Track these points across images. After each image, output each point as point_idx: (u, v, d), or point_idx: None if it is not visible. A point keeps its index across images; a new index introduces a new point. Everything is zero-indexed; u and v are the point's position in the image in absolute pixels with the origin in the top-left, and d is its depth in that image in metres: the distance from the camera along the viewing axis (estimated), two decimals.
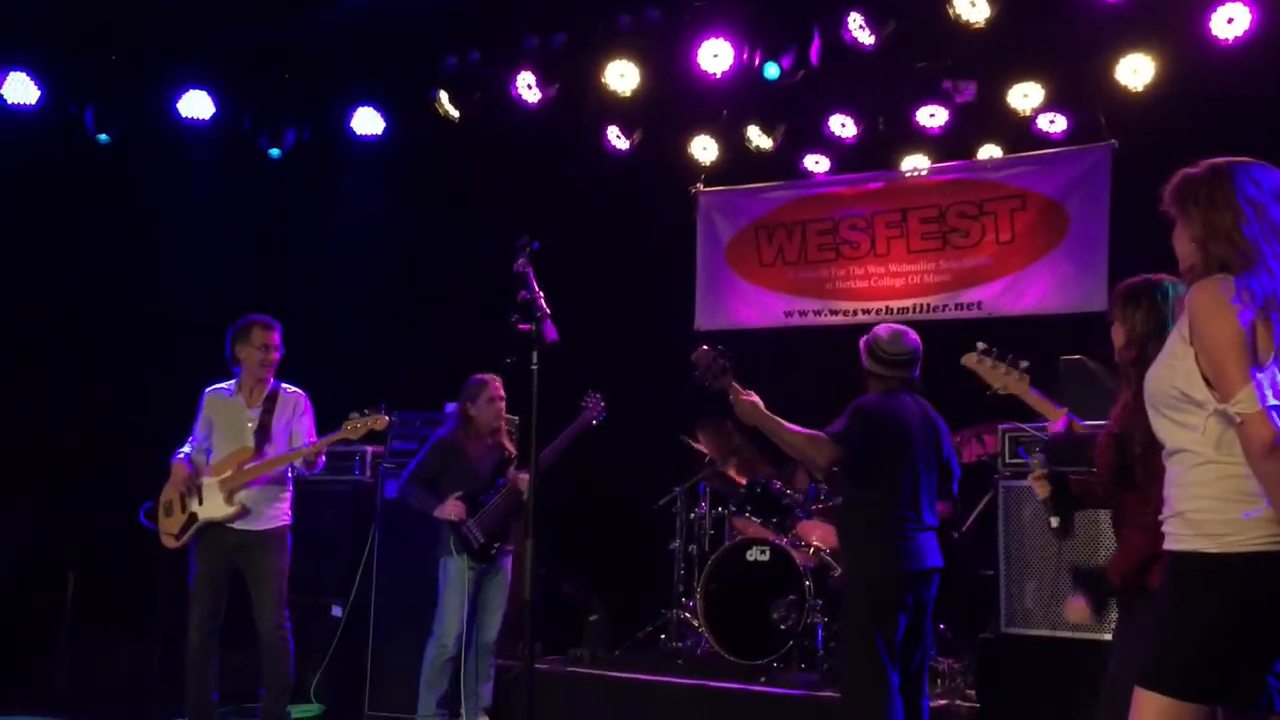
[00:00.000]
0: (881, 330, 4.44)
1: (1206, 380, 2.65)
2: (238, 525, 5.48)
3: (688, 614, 6.73)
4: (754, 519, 6.66)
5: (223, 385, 5.71)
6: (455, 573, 5.72)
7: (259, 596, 5.50)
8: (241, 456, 5.51)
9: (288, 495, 5.66)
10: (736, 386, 4.31)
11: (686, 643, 6.66)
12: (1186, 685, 2.61)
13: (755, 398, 4.32)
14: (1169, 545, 2.78)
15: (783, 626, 6.06)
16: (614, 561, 7.40)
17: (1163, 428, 2.81)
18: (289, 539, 5.62)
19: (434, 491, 5.78)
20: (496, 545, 5.81)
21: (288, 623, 5.55)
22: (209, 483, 5.52)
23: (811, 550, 6.37)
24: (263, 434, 5.56)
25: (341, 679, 6.53)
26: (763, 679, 5.88)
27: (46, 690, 6.87)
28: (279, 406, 5.63)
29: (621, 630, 7.03)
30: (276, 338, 5.62)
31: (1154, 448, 3.38)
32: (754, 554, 6.38)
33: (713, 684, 5.82)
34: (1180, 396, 2.70)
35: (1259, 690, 2.63)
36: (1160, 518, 2.83)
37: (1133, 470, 3.48)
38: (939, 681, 5.64)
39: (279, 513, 5.60)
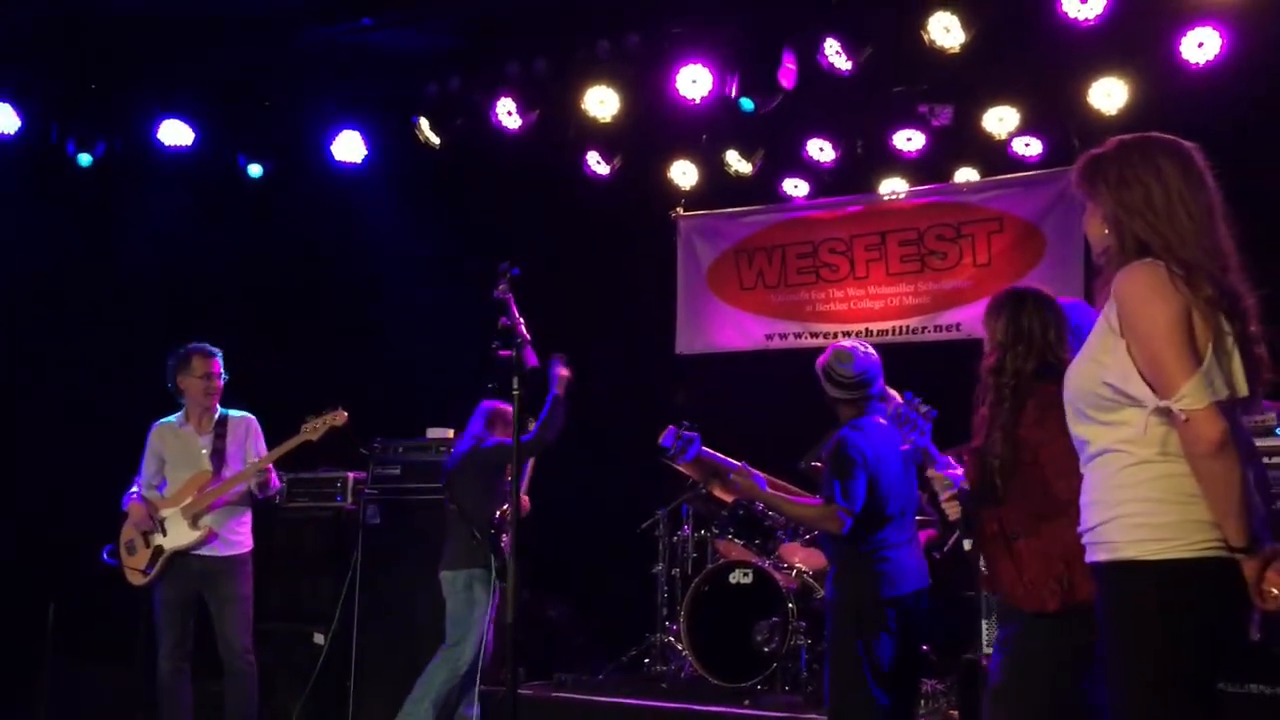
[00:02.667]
0: (829, 355, 4.33)
1: (1144, 375, 2.43)
2: (202, 552, 5.49)
3: (671, 637, 6.72)
4: (737, 541, 6.68)
5: (170, 417, 5.74)
6: (482, 593, 5.58)
7: (223, 623, 5.49)
8: (200, 480, 5.53)
9: (248, 519, 5.67)
10: (728, 466, 4.33)
11: (670, 666, 6.65)
12: None
13: (748, 473, 4.30)
14: (1099, 556, 2.52)
15: (766, 649, 6.07)
16: (597, 585, 7.40)
17: (1085, 429, 2.58)
18: (251, 565, 5.64)
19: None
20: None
21: (252, 650, 5.55)
22: (170, 513, 5.52)
23: (794, 572, 6.38)
24: (218, 459, 5.60)
25: (324, 706, 6.49)
26: (747, 702, 5.88)
27: (31, 717, 6.82)
28: (230, 431, 5.66)
29: (605, 654, 7.02)
30: (217, 366, 5.64)
31: (1014, 464, 3.42)
32: (737, 576, 6.39)
33: (697, 707, 5.81)
34: (1113, 394, 2.48)
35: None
36: (1080, 530, 2.60)
37: (993, 486, 3.50)
38: (923, 702, 5.65)
39: (241, 538, 5.62)
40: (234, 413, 5.76)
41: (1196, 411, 2.32)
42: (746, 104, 6.69)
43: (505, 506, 5.66)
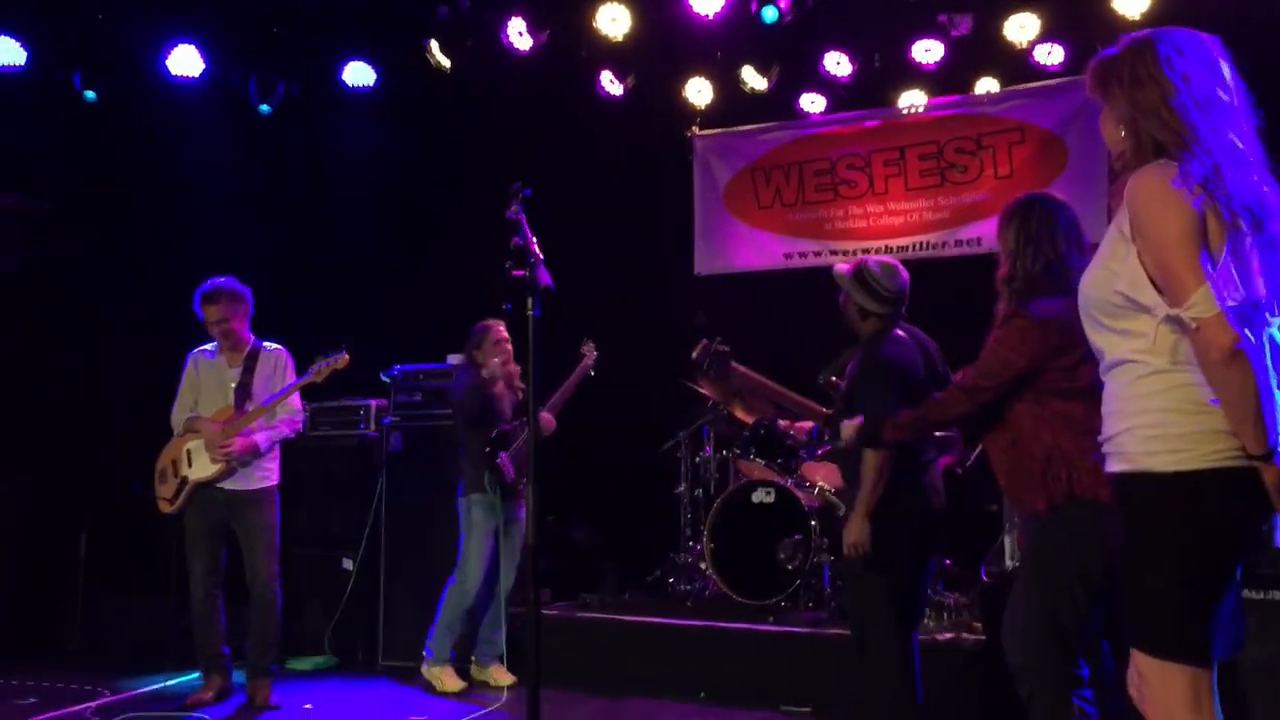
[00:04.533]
0: (873, 263, 4.25)
1: (1154, 282, 2.37)
2: (226, 485, 5.56)
3: (694, 557, 6.78)
4: (758, 461, 6.70)
5: (207, 346, 5.79)
6: (482, 514, 5.80)
7: (249, 552, 5.59)
8: (223, 415, 5.59)
9: (275, 454, 5.72)
10: (760, 384, 4.43)
11: (694, 585, 6.72)
12: (1182, 642, 2.34)
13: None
14: (1116, 467, 2.49)
15: (789, 566, 6.12)
16: (621, 507, 7.45)
17: (1101, 338, 2.53)
18: (277, 497, 5.70)
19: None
20: (523, 483, 5.87)
21: (278, 578, 5.64)
22: (195, 444, 5.58)
23: (816, 490, 6.40)
24: (243, 392, 5.64)
25: (354, 630, 6.60)
26: (770, 619, 5.94)
27: (63, 647, 6.97)
28: (260, 365, 5.71)
29: (630, 575, 7.10)
30: (215, 311, 5.63)
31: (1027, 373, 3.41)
32: (759, 496, 6.42)
33: (721, 625, 5.88)
34: (1124, 302, 2.42)
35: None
36: (1101, 438, 2.56)
37: (981, 416, 3.54)
38: (945, 616, 5.69)
39: (266, 472, 5.67)
40: (268, 345, 5.79)
41: (1207, 319, 2.24)
42: (770, 14, 6.55)
43: (505, 427, 5.86)
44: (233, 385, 5.65)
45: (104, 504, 7.17)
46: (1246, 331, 2.26)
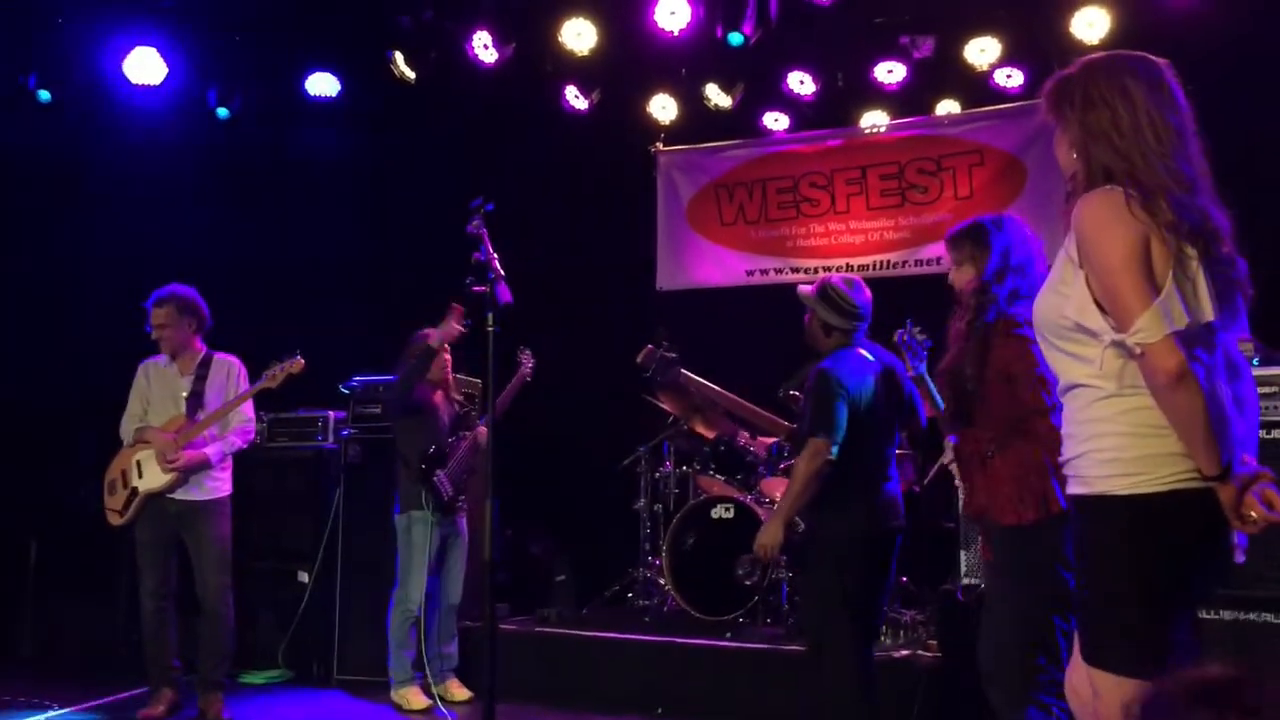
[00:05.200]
0: (837, 280, 4.31)
1: (1101, 306, 2.38)
2: (177, 495, 5.48)
3: (653, 572, 6.78)
4: (718, 477, 6.72)
5: (159, 356, 5.72)
6: (420, 532, 5.74)
7: (200, 564, 5.51)
8: (174, 424, 5.52)
9: (227, 465, 5.65)
10: (708, 391, 4.46)
11: (653, 600, 6.71)
12: (1137, 660, 2.33)
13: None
14: (1074, 490, 2.50)
15: (748, 583, 6.12)
16: (580, 521, 7.43)
17: (1056, 360, 2.54)
18: (229, 508, 5.63)
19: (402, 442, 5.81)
20: (461, 499, 5.86)
21: (230, 590, 5.57)
22: (145, 455, 5.51)
23: (775, 506, 6.42)
24: (195, 401, 5.56)
25: (309, 644, 6.53)
26: (729, 635, 5.94)
27: (13, 656, 6.85)
28: (212, 373, 5.63)
29: (588, 589, 7.08)
30: (159, 315, 5.58)
31: (987, 382, 3.49)
32: (718, 511, 6.43)
33: (679, 640, 5.87)
34: (1073, 327, 2.43)
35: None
36: (1060, 460, 2.57)
37: (970, 406, 3.58)
38: (901, 633, 5.72)
39: (217, 483, 5.59)
40: (221, 354, 5.72)
41: (1153, 344, 2.26)
42: (735, 39, 6.60)
43: (443, 444, 5.82)
44: (184, 394, 5.58)
45: (54, 512, 7.06)
46: (1194, 354, 2.29)
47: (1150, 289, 2.29)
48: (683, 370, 4.70)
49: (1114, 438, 2.39)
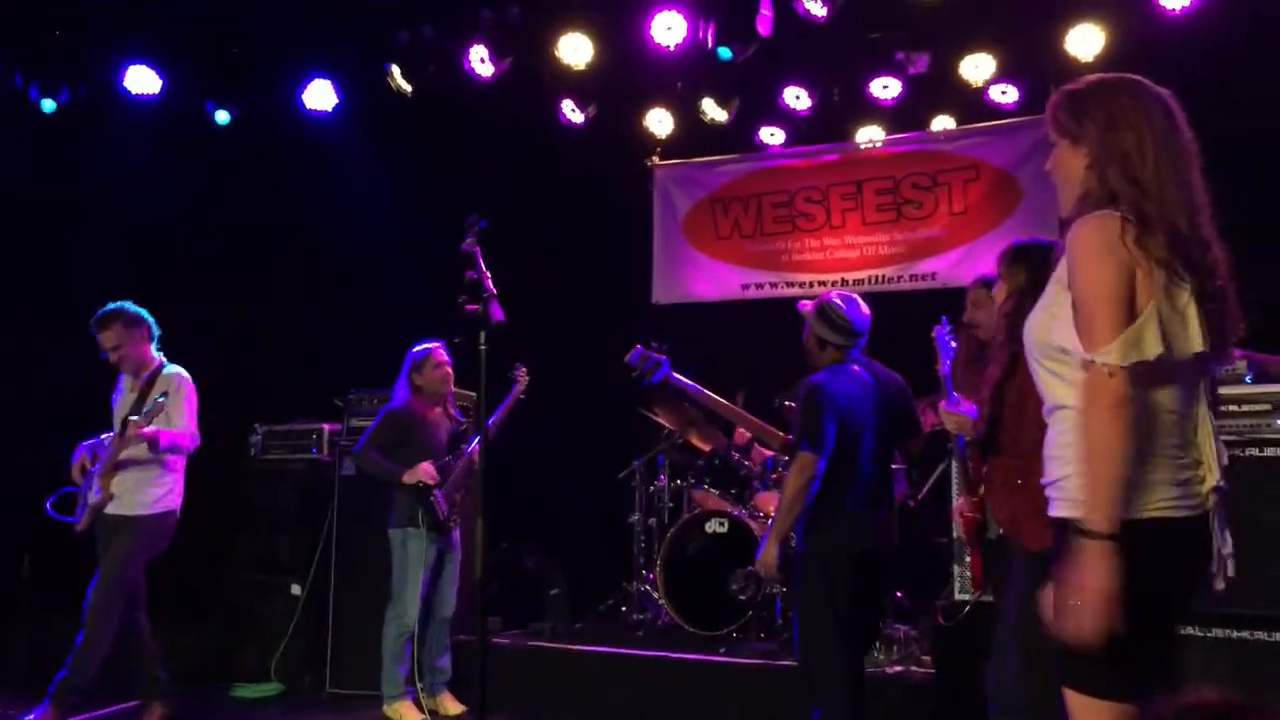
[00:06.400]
0: (835, 297, 4.33)
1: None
2: (109, 511, 5.36)
3: (647, 586, 6.77)
4: (712, 491, 6.71)
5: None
6: (415, 548, 5.72)
7: (99, 574, 5.31)
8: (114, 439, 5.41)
9: (165, 480, 5.42)
10: (698, 394, 4.42)
11: (647, 615, 6.70)
12: (1110, 683, 2.33)
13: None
14: (1058, 512, 2.47)
15: (741, 597, 6.11)
16: (574, 535, 7.43)
17: (1043, 381, 2.53)
18: (151, 525, 5.38)
19: (393, 461, 5.76)
20: (455, 517, 5.85)
21: (109, 609, 5.26)
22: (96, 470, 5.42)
23: (769, 521, 6.41)
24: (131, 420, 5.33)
25: (301, 657, 6.51)
26: (722, 649, 5.93)
27: (9, 670, 6.80)
28: (155, 388, 5.41)
29: (582, 603, 7.07)
30: (110, 338, 5.42)
31: (1021, 407, 3.47)
32: (712, 526, 6.43)
33: (673, 655, 5.86)
34: (1058, 349, 2.43)
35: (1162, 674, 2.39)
36: (1043, 481, 2.54)
37: (1005, 429, 3.57)
38: (894, 648, 5.71)
39: (148, 498, 5.38)
40: (170, 368, 5.52)
41: (1114, 366, 2.27)
42: (724, 53, 6.63)
43: (439, 461, 5.78)
44: (128, 410, 5.38)
45: (47, 525, 7.03)
46: (1174, 383, 2.31)
47: (1125, 322, 2.30)
48: (672, 373, 4.70)
49: None
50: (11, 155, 7.39)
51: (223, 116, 7.55)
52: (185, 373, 5.56)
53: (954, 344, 4.04)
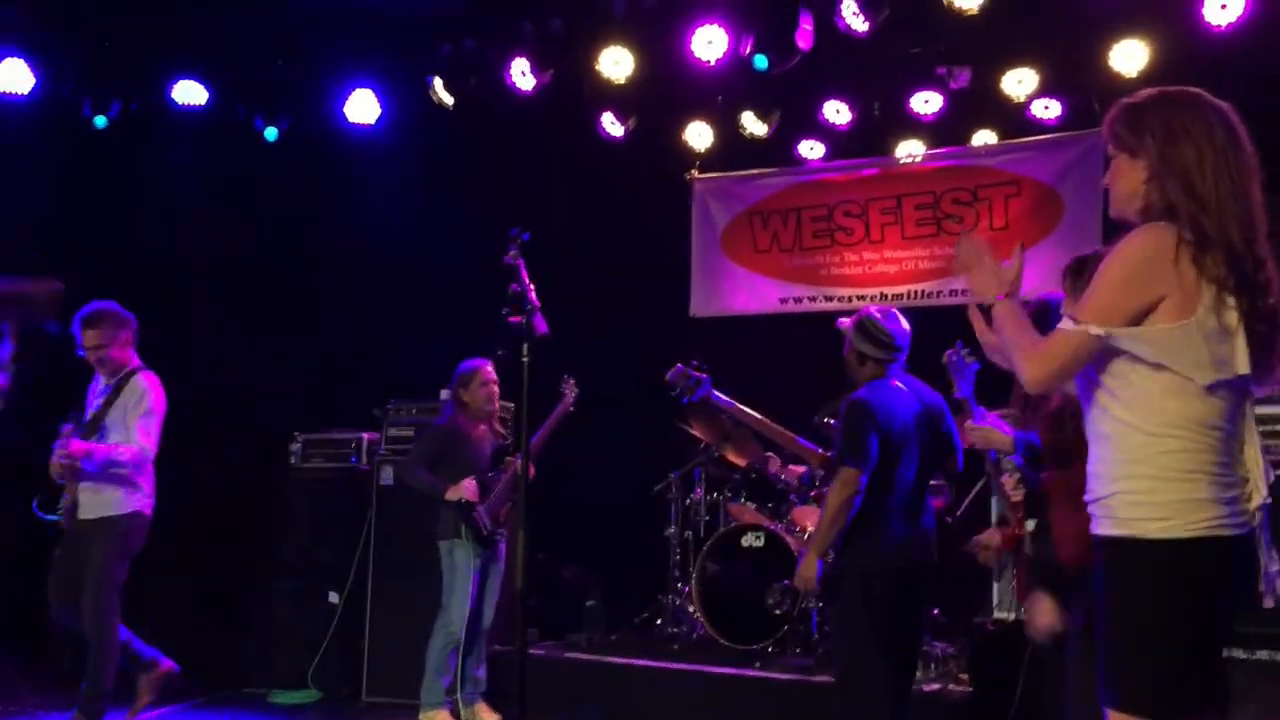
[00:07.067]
0: (874, 311, 4.33)
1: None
2: (79, 515, 5.30)
3: (683, 600, 6.76)
4: (749, 505, 6.70)
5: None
6: (463, 559, 5.72)
7: (85, 589, 5.22)
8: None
9: (133, 482, 5.31)
10: (737, 413, 4.46)
11: (682, 628, 6.69)
12: (1159, 704, 2.32)
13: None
14: (1103, 530, 2.47)
15: (777, 611, 6.10)
16: (611, 548, 7.42)
17: (1086, 395, 2.55)
18: (122, 529, 5.29)
19: (437, 476, 5.79)
20: (500, 532, 5.86)
21: (107, 615, 5.22)
22: None
23: (806, 536, 6.39)
24: (94, 423, 5.29)
25: (339, 665, 6.56)
26: (757, 664, 5.92)
27: (53, 670, 6.85)
28: (122, 395, 5.32)
29: (618, 616, 7.07)
30: (94, 337, 5.31)
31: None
32: (749, 540, 6.42)
33: (708, 669, 5.86)
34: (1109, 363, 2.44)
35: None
36: (1088, 498, 2.54)
37: (1070, 447, 3.51)
38: (932, 666, 5.67)
39: (115, 500, 5.29)
40: (141, 374, 5.42)
41: (1079, 329, 2.37)
42: (760, 62, 6.62)
43: (483, 477, 5.79)
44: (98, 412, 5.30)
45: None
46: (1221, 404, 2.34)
47: (1123, 319, 2.35)
48: (713, 390, 4.70)
49: (1145, 480, 2.38)
50: (64, 167, 7.50)
51: (270, 132, 7.61)
52: (155, 379, 5.43)
53: (973, 364, 3.99)
